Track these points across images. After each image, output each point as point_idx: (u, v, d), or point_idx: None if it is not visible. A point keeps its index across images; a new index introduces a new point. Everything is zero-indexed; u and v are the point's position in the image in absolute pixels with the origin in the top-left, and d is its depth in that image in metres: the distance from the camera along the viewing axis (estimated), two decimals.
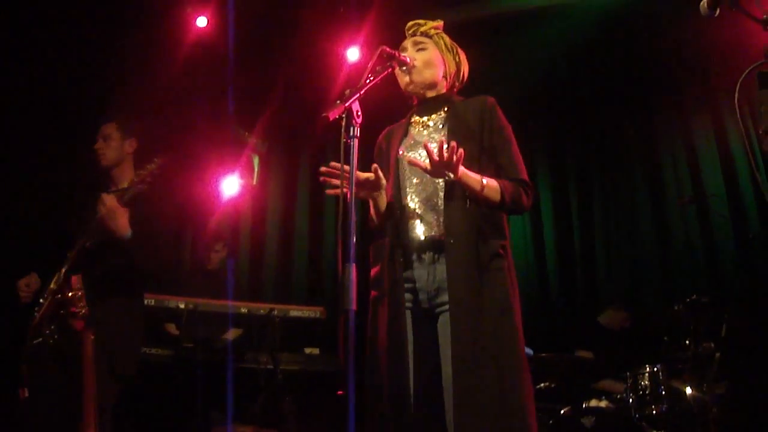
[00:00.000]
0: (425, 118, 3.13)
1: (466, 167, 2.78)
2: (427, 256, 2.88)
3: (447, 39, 3.22)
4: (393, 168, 3.04)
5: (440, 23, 3.24)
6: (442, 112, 3.11)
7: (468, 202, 2.83)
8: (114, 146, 4.15)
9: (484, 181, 2.79)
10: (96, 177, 4.24)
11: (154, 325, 5.11)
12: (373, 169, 2.89)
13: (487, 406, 2.59)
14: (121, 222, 3.69)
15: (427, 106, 3.16)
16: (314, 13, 6.83)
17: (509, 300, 2.78)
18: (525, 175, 2.97)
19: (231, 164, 7.32)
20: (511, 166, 2.96)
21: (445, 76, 3.17)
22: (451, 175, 2.72)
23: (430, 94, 3.16)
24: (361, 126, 2.50)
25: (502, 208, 2.88)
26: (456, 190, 2.86)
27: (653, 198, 7.21)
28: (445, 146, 2.66)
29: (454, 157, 2.64)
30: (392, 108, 3.33)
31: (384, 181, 2.94)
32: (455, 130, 2.98)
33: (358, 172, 2.74)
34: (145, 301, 4.33)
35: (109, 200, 3.67)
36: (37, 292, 3.92)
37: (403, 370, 2.75)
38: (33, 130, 5.82)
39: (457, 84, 3.24)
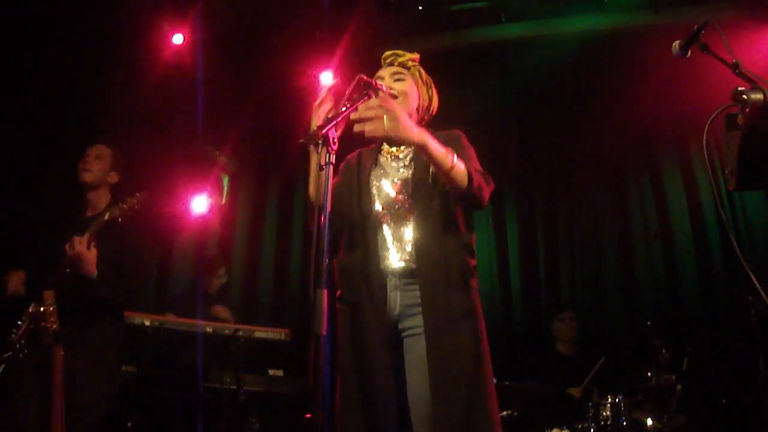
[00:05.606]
0: (395, 149, 3.12)
1: (425, 201, 2.85)
2: (391, 283, 2.89)
3: (423, 72, 3.21)
4: (363, 192, 3.03)
5: (417, 56, 3.23)
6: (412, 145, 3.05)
7: (439, 228, 2.85)
8: (101, 169, 4.21)
9: (455, 159, 2.69)
10: (73, 200, 4.25)
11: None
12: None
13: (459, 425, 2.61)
14: (88, 266, 3.73)
15: None
16: (290, 35, 6.85)
17: (480, 331, 2.80)
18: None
19: (200, 182, 7.30)
20: (473, 165, 2.86)
21: (417, 109, 3.15)
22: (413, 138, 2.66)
23: None
24: (336, 153, 2.48)
25: (466, 195, 2.75)
26: (428, 221, 2.87)
27: (619, 231, 7.29)
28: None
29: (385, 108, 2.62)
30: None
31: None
32: (421, 170, 2.96)
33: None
34: None
35: (78, 245, 3.69)
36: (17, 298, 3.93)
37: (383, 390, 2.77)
38: (12, 149, 5.75)
39: (426, 117, 3.20)
